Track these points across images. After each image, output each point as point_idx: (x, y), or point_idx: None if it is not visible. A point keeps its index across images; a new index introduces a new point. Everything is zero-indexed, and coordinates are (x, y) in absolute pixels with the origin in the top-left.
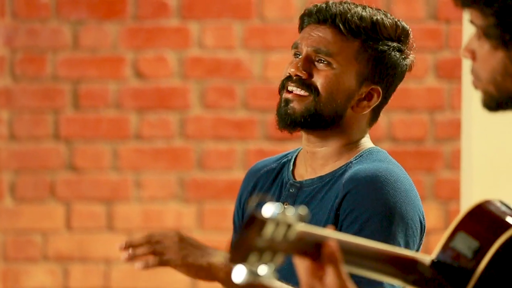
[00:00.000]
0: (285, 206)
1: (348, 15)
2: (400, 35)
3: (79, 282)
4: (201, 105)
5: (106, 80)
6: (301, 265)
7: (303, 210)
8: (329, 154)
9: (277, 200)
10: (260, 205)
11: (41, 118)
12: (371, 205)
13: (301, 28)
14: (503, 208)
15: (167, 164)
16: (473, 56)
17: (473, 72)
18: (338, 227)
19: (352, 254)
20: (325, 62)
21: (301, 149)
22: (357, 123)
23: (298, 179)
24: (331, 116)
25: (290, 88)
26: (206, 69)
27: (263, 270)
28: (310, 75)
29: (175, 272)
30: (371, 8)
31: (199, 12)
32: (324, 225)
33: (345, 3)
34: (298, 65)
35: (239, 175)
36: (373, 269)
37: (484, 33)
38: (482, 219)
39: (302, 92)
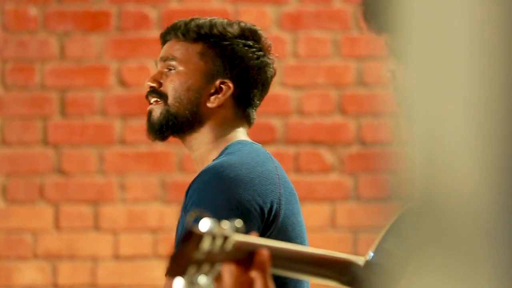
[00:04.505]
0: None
1: (188, 25)
2: (244, 33)
3: (67, 279)
4: None
5: (92, 88)
6: (228, 273)
7: (239, 222)
8: (204, 155)
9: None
10: (197, 220)
11: (31, 124)
12: (194, 195)
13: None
14: None
15: (149, 167)
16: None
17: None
18: None
19: (288, 260)
20: (172, 69)
21: None
22: (218, 118)
23: None
24: (186, 115)
25: (149, 99)
26: None
27: (201, 280)
28: (160, 84)
29: (158, 269)
30: (213, 18)
31: None
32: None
33: (192, 18)
34: (151, 77)
35: None
36: (309, 273)
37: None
38: None
39: (157, 100)
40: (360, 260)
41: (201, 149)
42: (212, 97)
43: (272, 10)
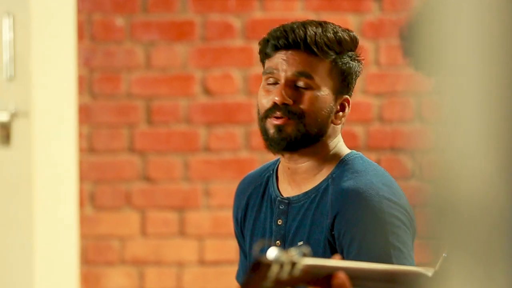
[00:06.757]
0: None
1: (317, 38)
2: (356, 45)
3: (154, 284)
4: None
5: (177, 97)
6: None
7: (306, 248)
8: (311, 168)
9: (271, 217)
10: (263, 249)
11: (117, 132)
12: (362, 223)
13: (264, 53)
14: None
15: (233, 174)
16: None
17: None
18: (338, 248)
19: (359, 279)
20: (305, 85)
21: (280, 161)
22: (335, 133)
23: (285, 194)
24: (317, 134)
25: (278, 115)
26: None
27: None
28: (295, 101)
29: None
30: (327, 24)
31: (262, 33)
32: (323, 245)
33: (303, 24)
34: (282, 92)
35: None
36: None
37: None
38: None
39: (290, 118)
40: (429, 271)
41: (310, 163)
42: (339, 115)
43: (354, 18)
